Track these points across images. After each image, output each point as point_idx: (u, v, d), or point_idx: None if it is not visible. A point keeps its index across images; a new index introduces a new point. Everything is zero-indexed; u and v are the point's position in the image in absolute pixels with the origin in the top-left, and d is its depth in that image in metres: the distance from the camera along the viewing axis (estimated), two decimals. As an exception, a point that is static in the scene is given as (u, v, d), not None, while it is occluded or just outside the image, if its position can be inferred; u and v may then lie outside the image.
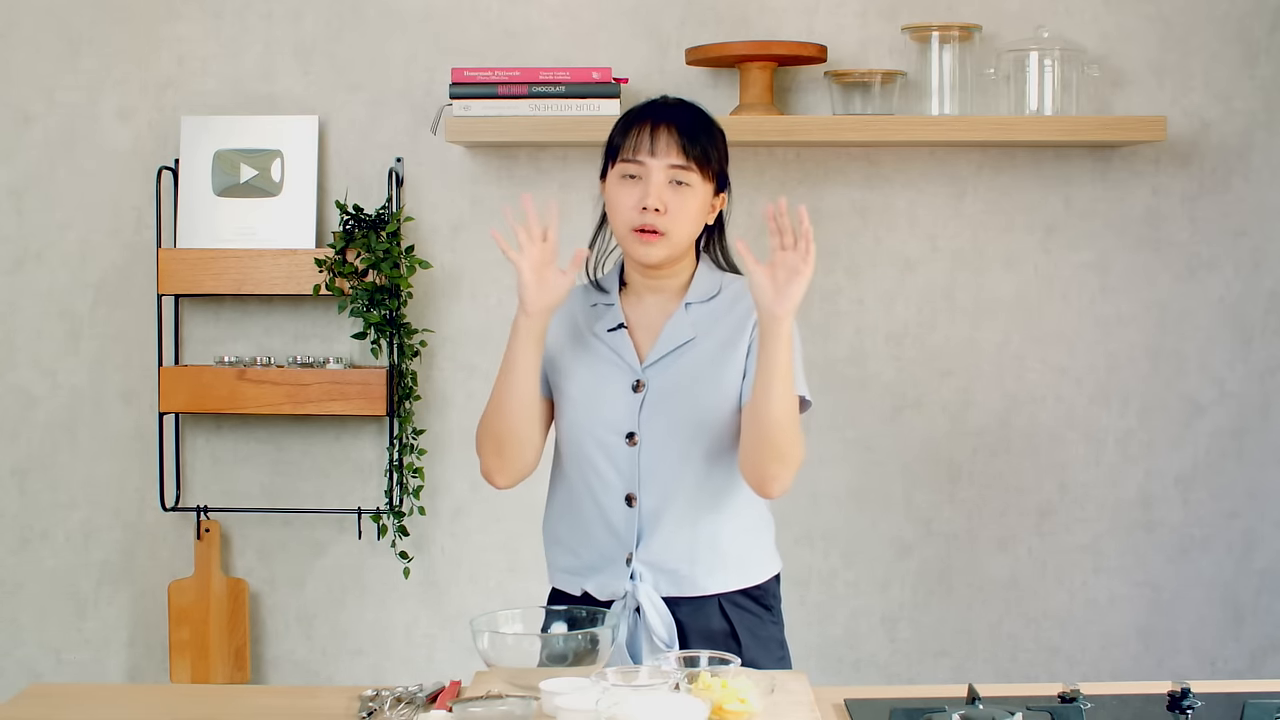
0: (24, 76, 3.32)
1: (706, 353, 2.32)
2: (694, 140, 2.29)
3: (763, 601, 2.39)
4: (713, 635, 2.32)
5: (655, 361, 2.33)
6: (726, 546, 2.34)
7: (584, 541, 2.36)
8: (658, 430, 2.30)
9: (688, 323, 2.34)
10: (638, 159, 2.29)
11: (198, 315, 3.35)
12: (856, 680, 3.32)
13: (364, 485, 3.36)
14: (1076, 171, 3.30)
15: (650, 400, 2.31)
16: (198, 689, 2.89)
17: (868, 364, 3.33)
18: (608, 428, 2.32)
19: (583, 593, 2.36)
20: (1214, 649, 3.37)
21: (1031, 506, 3.35)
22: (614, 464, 2.32)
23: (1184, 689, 2.11)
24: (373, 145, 3.31)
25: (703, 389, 2.31)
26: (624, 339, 2.35)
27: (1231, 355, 3.33)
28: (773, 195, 3.27)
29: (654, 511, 2.31)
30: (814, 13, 3.27)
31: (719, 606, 2.34)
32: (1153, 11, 3.28)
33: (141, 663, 3.40)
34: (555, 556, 2.43)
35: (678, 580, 2.32)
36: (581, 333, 2.38)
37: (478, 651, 2.11)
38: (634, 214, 2.29)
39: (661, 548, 2.31)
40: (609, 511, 2.33)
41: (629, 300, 2.39)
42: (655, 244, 2.29)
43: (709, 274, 2.39)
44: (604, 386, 2.33)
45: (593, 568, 2.35)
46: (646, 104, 2.37)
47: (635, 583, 2.31)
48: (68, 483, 3.38)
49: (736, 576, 2.36)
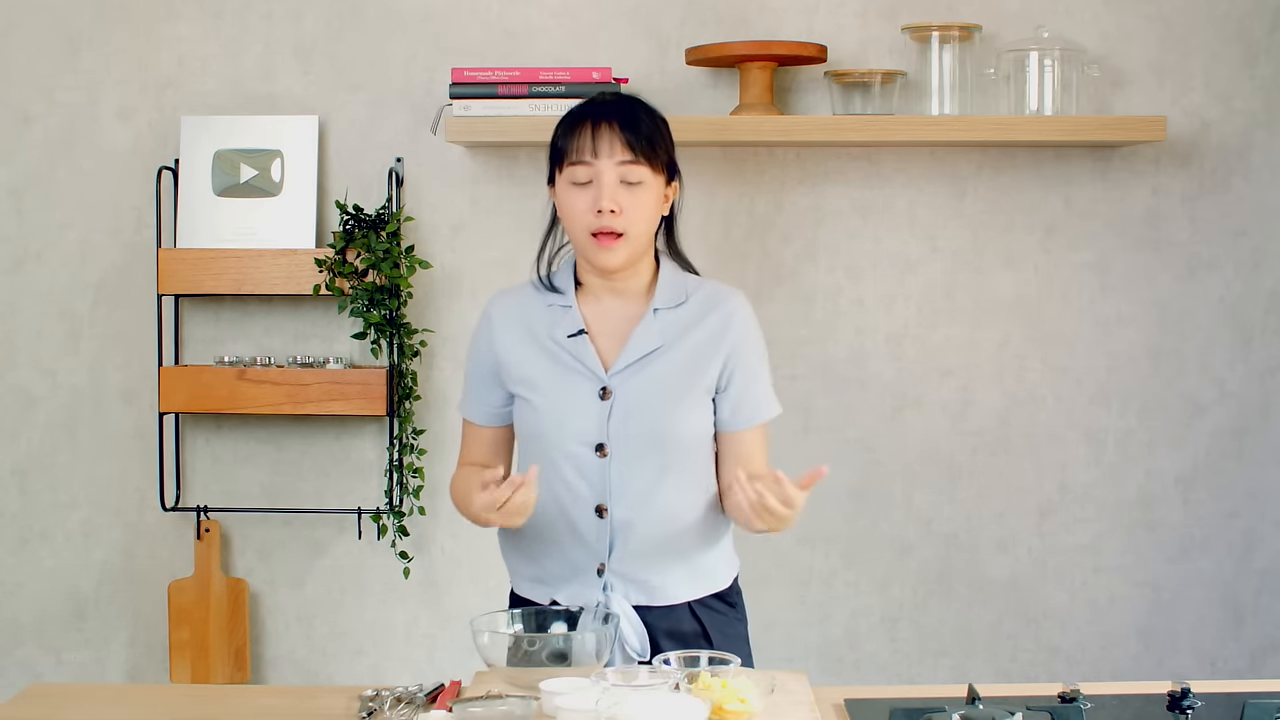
0: (24, 76, 3.32)
1: (674, 362, 2.29)
2: (638, 134, 2.25)
3: (728, 600, 2.40)
4: (684, 636, 2.32)
5: (622, 369, 2.28)
6: (696, 556, 2.34)
7: (551, 552, 2.34)
8: (627, 440, 2.27)
9: (656, 330, 2.30)
10: (584, 160, 2.25)
11: (198, 315, 3.35)
12: (856, 680, 3.32)
13: (364, 485, 3.36)
14: (1076, 171, 3.30)
15: (618, 409, 2.27)
16: (198, 689, 2.89)
17: (868, 364, 3.33)
18: (577, 439, 2.28)
19: (551, 601, 2.34)
20: (1214, 649, 3.37)
21: (1031, 506, 3.35)
22: (584, 476, 2.28)
23: (1184, 689, 2.11)
24: (373, 145, 3.31)
25: (671, 399, 2.28)
26: (585, 345, 2.30)
27: (1231, 355, 3.33)
28: (773, 195, 3.27)
29: (625, 522, 2.29)
30: (814, 13, 3.27)
31: (689, 609, 2.34)
32: (1153, 11, 3.28)
33: (141, 663, 3.40)
34: (518, 565, 2.40)
35: (649, 590, 2.32)
36: (539, 338, 2.32)
37: (477, 651, 2.11)
38: (589, 218, 2.24)
39: (634, 559, 2.30)
40: (579, 523, 2.30)
41: (586, 302, 2.34)
42: (615, 247, 2.25)
43: (674, 278, 2.35)
44: (570, 396, 2.28)
45: (561, 578, 2.33)
46: (584, 104, 2.32)
47: (608, 593, 2.30)
48: (68, 483, 3.38)
49: (705, 584, 2.36)
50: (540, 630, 2.19)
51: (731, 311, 2.34)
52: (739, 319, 2.34)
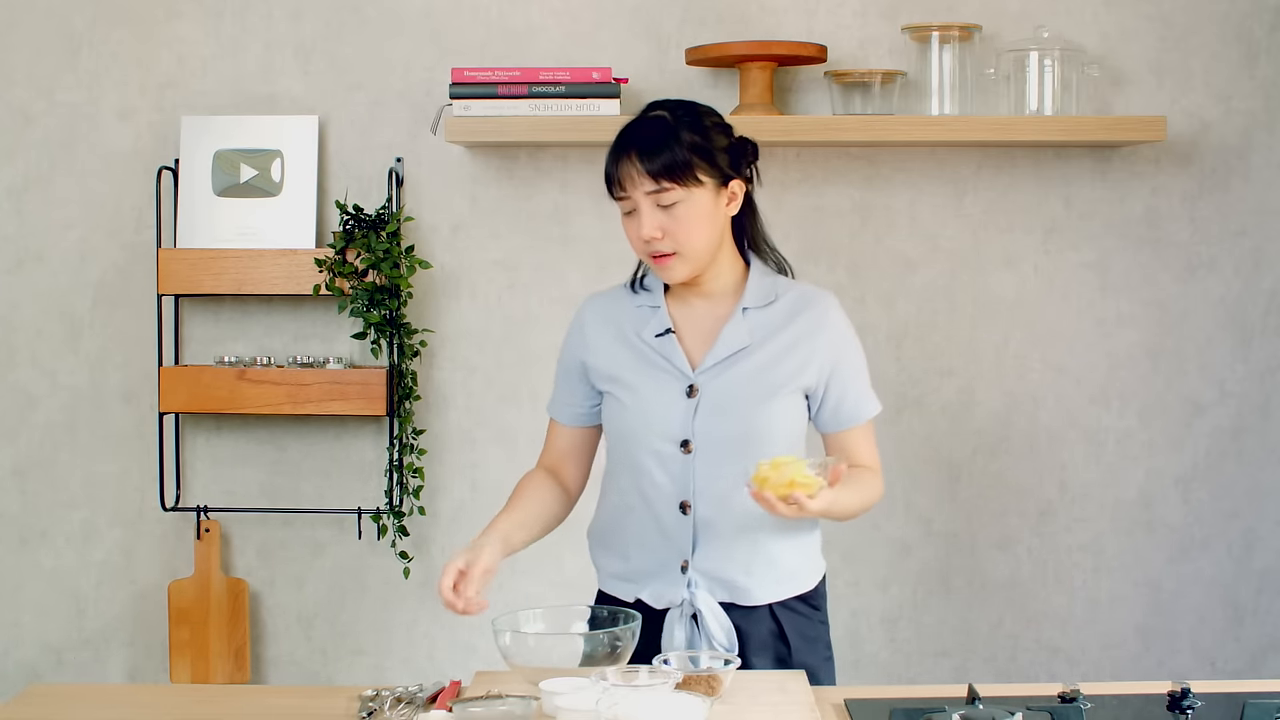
0: (24, 76, 3.32)
1: (762, 362, 2.29)
2: (657, 160, 2.21)
3: (812, 602, 2.39)
4: (763, 638, 2.32)
5: (710, 367, 2.29)
6: (781, 558, 2.34)
7: (636, 547, 2.35)
8: (712, 437, 2.27)
9: (745, 329, 2.30)
10: (622, 194, 2.25)
11: (198, 315, 3.35)
12: (856, 680, 3.32)
13: (364, 485, 3.36)
14: (1076, 171, 3.30)
15: (704, 407, 2.27)
16: (198, 689, 2.89)
17: (868, 364, 3.31)
18: (662, 436, 2.29)
19: (636, 600, 2.35)
20: (1214, 649, 3.37)
21: (1031, 506, 3.35)
22: (668, 471, 2.29)
23: (1184, 689, 2.11)
24: (373, 145, 3.31)
25: (758, 398, 2.28)
26: (673, 344, 2.31)
27: (1231, 355, 3.33)
28: (773, 195, 3.27)
29: (708, 520, 2.29)
30: (814, 13, 3.27)
31: (770, 611, 2.34)
32: (1153, 11, 3.28)
33: (141, 663, 3.40)
34: (605, 562, 2.42)
35: (733, 590, 2.32)
36: (628, 337, 2.34)
37: (499, 650, 2.10)
38: (640, 245, 2.27)
39: (718, 557, 2.31)
40: (663, 518, 2.31)
41: (675, 303, 2.35)
42: (670, 265, 2.26)
43: (763, 279, 2.35)
44: (657, 393, 2.30)
45: (646, 573, 2.34)
46: (625, 126, 2.30)
47: (693, 590, 2.30)
48: (68, 483, 3.38)
49: (790, 586, 2.36)
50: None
51: (824, 311, 2.34)
52: (833, 319, 2.35)
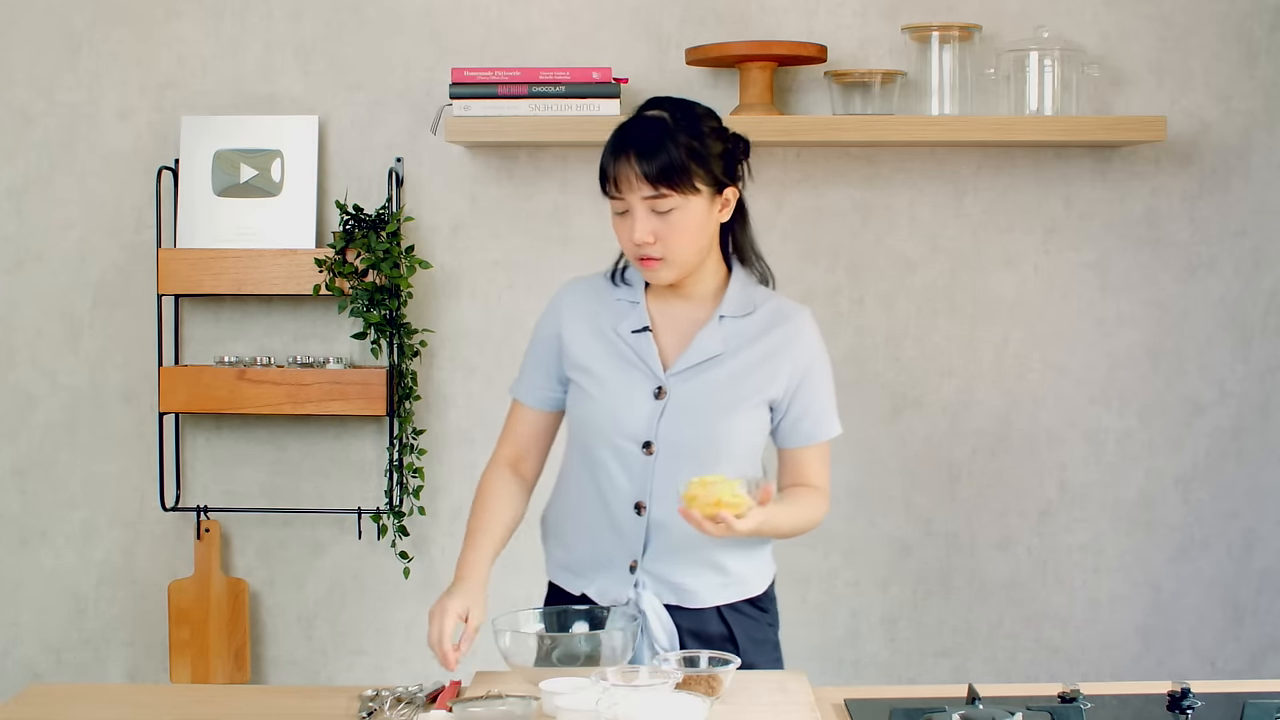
0: (24, 76, 3.32)
1: (733, 371, 2.28)
2: (656, 165, 2.18)
3: (760, 605, 2.39)
4: (710, 639, 2.32)
5: (681, 371, 2.27)
6: (731, 564, 2.33)
7: (587, 542, 2.35)
8: (675, 441, 2.26)
9: (720, 337, 2.28)
10: (617, 194, 2.22)
11: (198, 315, 3.35)
12: (856, 680, 3.32)
13: (364, 485, 3.36)
14: (1076, 172, 3.30)
15: (671, 410, 2.26)
16: (198, 689, 2.89)
17: (868, 364, 3.33)
18: (625, 434, 2.28)
19: (581, 595, 2.35)
20: (1214, 649, 3.37)
21: (1031, 506, 3.35)
22: (627, 470, 2.28)
23: (1184, 689, 2.11)
24: (373, 145, 3.31)
25: (724, 407, 2.27)
26: (648, 342, 2.29)
27: (1231, 355, 3.33)
28: (773, 195, 3.27)
29: (662, 523, 2.28)
30: (814, 13, 3.27)
31: (718, 613, 2.34)
32: (1153, 11, 3.28)
33: (141, 663, 3.40)
34: (554, 551, 2.42)
35: (680, 593, 2.31)
36: (603, 330, 2.32)
37: (498, 650, 2.10)
38: (630, 246, 2.24)
39: (667, 560, 2.30)
40: (617, 516, 2.30)
41: (654, 301, 2.33)
42: (658, 269, 2.24)
43: (743, 288, 2.33)
44: (625, 390, 2.28)
45: (593, 569, 2.34)
46: (623, 123, 2.27)
47: (639, 590, 2.31)
48: (68, 483, 3.38)
49: (738, 590, 2.35)
50: (563, 629, 2.19)
51: (799, 327, 2.32)
52: (806, 335, 2.33)
